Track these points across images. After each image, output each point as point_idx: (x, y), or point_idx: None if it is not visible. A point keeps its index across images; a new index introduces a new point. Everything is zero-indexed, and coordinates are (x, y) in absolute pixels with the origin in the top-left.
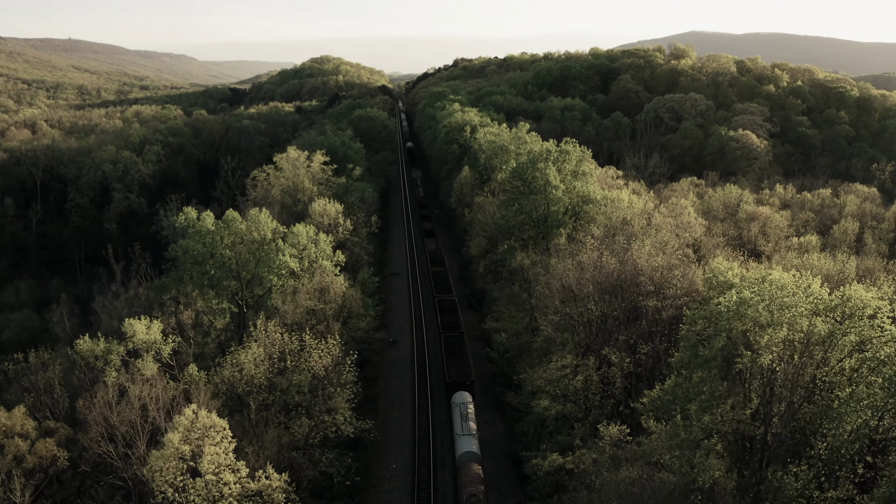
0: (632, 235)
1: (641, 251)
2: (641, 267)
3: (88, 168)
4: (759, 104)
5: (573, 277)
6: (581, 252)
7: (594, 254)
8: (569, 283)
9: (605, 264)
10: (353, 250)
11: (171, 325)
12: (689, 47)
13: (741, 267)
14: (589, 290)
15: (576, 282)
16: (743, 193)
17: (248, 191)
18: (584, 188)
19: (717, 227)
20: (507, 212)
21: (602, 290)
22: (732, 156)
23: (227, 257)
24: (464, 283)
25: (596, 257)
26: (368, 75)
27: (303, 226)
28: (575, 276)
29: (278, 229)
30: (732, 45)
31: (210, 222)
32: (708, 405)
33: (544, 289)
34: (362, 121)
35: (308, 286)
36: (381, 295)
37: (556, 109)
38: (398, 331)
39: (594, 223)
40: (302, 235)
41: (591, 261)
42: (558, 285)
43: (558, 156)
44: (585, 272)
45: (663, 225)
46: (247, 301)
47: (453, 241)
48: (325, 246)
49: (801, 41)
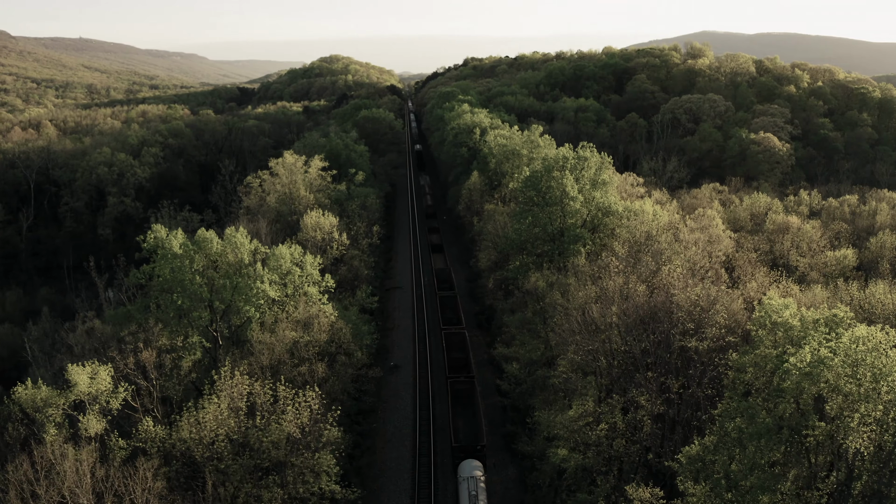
0: (659, 254)
1: (673, 275)
2: (678, 300)
3: (83, 171)
4: (779, 105)
5: (597, 310)
6: (604, 276)
7: (619, 279)
8: (592, 317)
9: (633, 292)
10: (351, 264)
11: (130, 365)
12: (706, 46)
13: (783, 295)
14: (613, 321)
15: (600, 314)
16: (772, 202)
17: (240, 198)
18: (605, 199)
19: (748, 240)
20: (520, 225)
21: (630, 324)
22: (754, 159)
23: (199, 284)
24: (471, 299)
25: (622, 283)
26: (378, 75)
27: (286, 246)
28: (598, 309)
29: (259, 250)
30: (744, 46)
31: (177, 244)
32: (767, 481)
33: (562, 320)
34: (368, 122)
35: (290, 318)
36: (382, 311)
37: (569, 110)
38: (400, 353)
39: (615, 237)
40: (285, 258)
41: (617, 287)
42: (579, 318)
43: (576, 163)
44: (610, 302)
45: (692, 240)
46: (222, 333)
47: (461, 251)
48: (311, 269)
49: (813, 41)
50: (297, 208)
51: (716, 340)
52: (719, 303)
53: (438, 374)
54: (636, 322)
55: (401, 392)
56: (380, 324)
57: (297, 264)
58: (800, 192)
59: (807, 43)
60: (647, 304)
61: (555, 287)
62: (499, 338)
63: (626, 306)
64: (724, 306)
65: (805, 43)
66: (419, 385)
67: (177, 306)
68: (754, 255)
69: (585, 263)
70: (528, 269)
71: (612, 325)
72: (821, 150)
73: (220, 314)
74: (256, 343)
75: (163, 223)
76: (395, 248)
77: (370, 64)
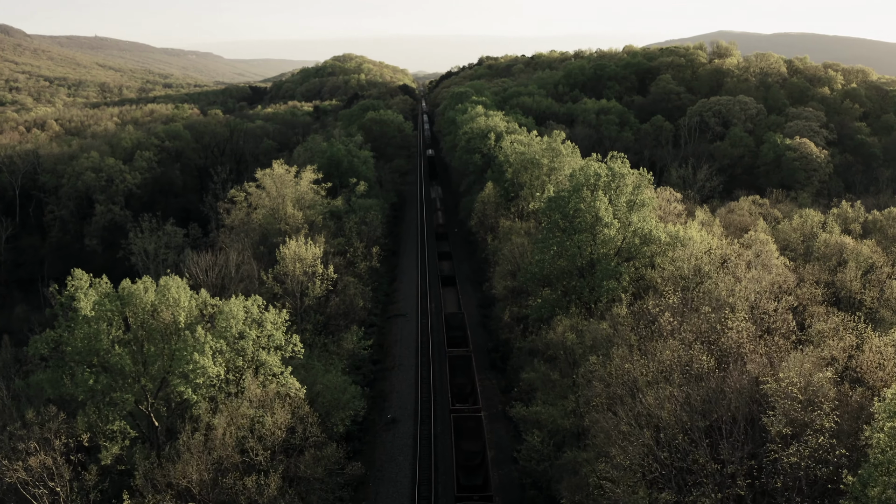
0: (718, 301)
1: (743, 335)
2: (770, 391)
3: (69, 177)
4: (813, 108)
5: (652, 398)
6: (653, 334)
7: (676, 345)
8: (646, 407)
9: (697, 367)
10: (345, 293)
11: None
12: (733, 45)
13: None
14: (676, 415)
15: (656, 402)
16: (826, 220)
17: (221, 215)
18: (645, 225)
19: (806, 270)
20: (543, 256)
21: (697, 417)
22: (790, 167)
23: (120, 356)
24: (484, 330)
25: (682, 353)
26: (391, 74)
27: (239, 301)
28: (654, 396)
29: (208, 303)
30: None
31: (88, 305)
32: None
33: (602, 400)
34: (374, 124)
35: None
36: (381, 346)
37: (590, 112)
38: (399, 402)
39: (655, 267)
40: (237, 318)
41: (675, 359)
42: (628, 410)
43: (610, 181)
44: (668, 384)
45: (751, 278)
46: (160, 413)
47: (473, 270)
48: (273, 329)
49: (830, 41)
50: (284, 228)
51: (828, 450)
52: (827, 398)
53: (443, 429)
54: (706, 409)
55: (397, 457)
56: (377, 361)
57: (257, 322)
58: (842, 204)
59: (825, 43)
60: (720, 389)
61: (585, 337)
62: (516, 387)
63: (692, 392)
64: (832, 402)
65: (823, 43)
66: (420, 449)
67: (88, 386)
68: (819, 292)
69: (627, 315)
70: (552, 310)
71: (674, 421)
72: (858, 157)
73: (152, 392)
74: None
75: (143, 238)
76: (401, 267)
77: (383, 63)
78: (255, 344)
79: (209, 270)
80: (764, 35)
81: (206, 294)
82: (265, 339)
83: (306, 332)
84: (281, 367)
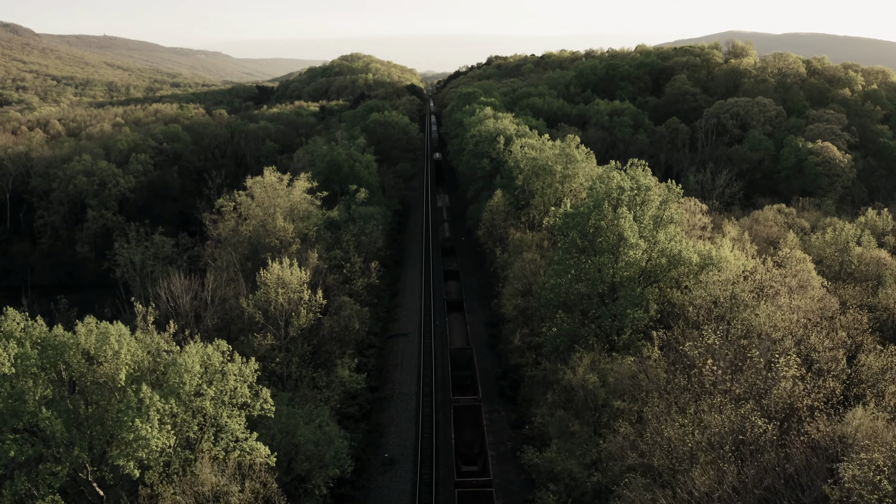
0: (766, 342)
1: (798, 389)
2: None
3: (59, 181)
4: (834, 110)
5: (701, 480)
6: (696, 391)
7: (723, 403)
8: (696, 489)
9: (751, 434)
10: (340, 314)
11: None
12: (749, 44)
13: None
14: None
15: (716, 481)
16: (862, 234)
17: (207, 228)
18: (674, 245)
19: (847, 292)
20: (558, 280)
21: None
22: (812, 172)
23: (49, 419)
24: (492, 352)
25: (734, 417)
26: (399, 74)
27: (196, 350)
28: (708, 477)
29: (161, 350)
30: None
31: (8, 362)
32: None
33: (639, 486)
34: (378, 126)
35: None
36: (380, 370)
37: (603, 114)
38: (397, 438)
39: (685, 292)
40: (192, 371)
41: (727, 424)
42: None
43: (634, 195)
44: (719, 458)
45: (794, 307)
46: (104, 478)
47: (481, 284)
48: (237, 382)
49: (840, 42)
50: (273, 243)
51: None
52: None
53: (447, 472)
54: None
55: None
56: (375, 388)
57: (219, 373)
58: (868, 212)
59: (835, 43)
60: (785, 471)
61: (609, 379)
62: (527, 424)
63: (748, 472)
64: None
65: (833, 43)
66: (420, 495)
67: (9, 458)
68: (865, 319)
69: (660, 358)
70: (568, 341)
71: None
72: (881, 161)
73: (93, 460)
74: None
75: (129, 248)
76: (404, 279)
77: (391, 62)
78: (214, 402)
79: (181, 297)
80: (774, 35)
81: (159, 340)
82: (228, 396)
83: (291, 364)
84: (245, 433)
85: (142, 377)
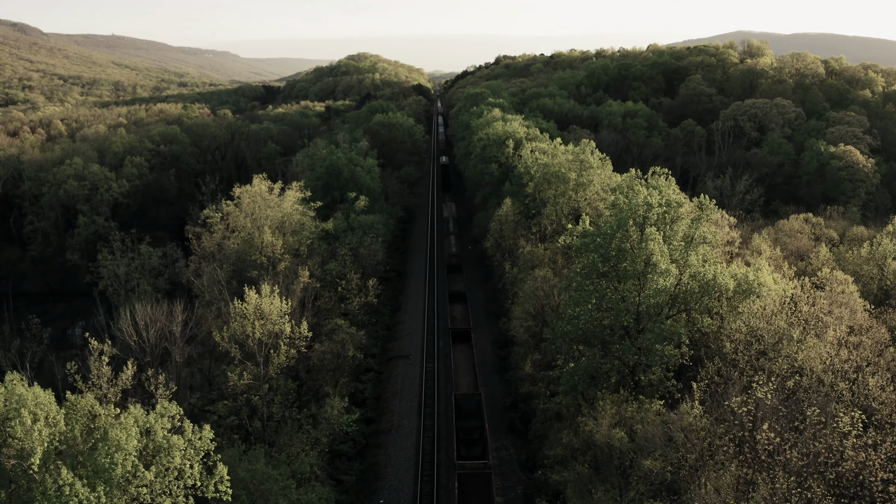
0: (827, 396)
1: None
2: None
3: (50, 185)
4: (855, 112)
5: None
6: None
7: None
8: None
9: None
10: (333, 339)
11: None
12: (765, 44)
13: None
14: None
15: None
16: None
17: (190, 241)
18: (708, 269)
19: (891, 316)
20: (577, 310)
21: None
22: (835, 177)
23: None
24: (501, 378)
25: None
26: (406, 73)
27: (132, 418)
28: None
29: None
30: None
31: None
32: None
33: None
34: (382, 128)
35: None
36: (377, 398)
37: (616, 116)
38: (396, 482)
39: (717, 318)
40: (126, 448)
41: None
42: None
43: (664, 213)
44: None
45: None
46: None
47: (489, 299)
48: (182, 460)
49: (850, 42)
50: (260, 260)
51: None
52: None
53: None
54: None
55: None
56: (371, 420)
57: (163, 449)
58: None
59: (845, 43)
60: None
61: (638, 435)
62: (539, 469)
63: None
64: None
65: (843, 44)
66: None
67: None
68: None
69: (700, 414)
70: (588, 381)
71: None
72: None
73: None
74: None
75: (114, 259)
76: (406, 293)
77: (399, 62)
78: (152, 487)
79: (145, 331)
80: (783, 35)
81: (94, 403)
82: (172, 477)
83: (273, 404)
84: None
85: (65, 455)
